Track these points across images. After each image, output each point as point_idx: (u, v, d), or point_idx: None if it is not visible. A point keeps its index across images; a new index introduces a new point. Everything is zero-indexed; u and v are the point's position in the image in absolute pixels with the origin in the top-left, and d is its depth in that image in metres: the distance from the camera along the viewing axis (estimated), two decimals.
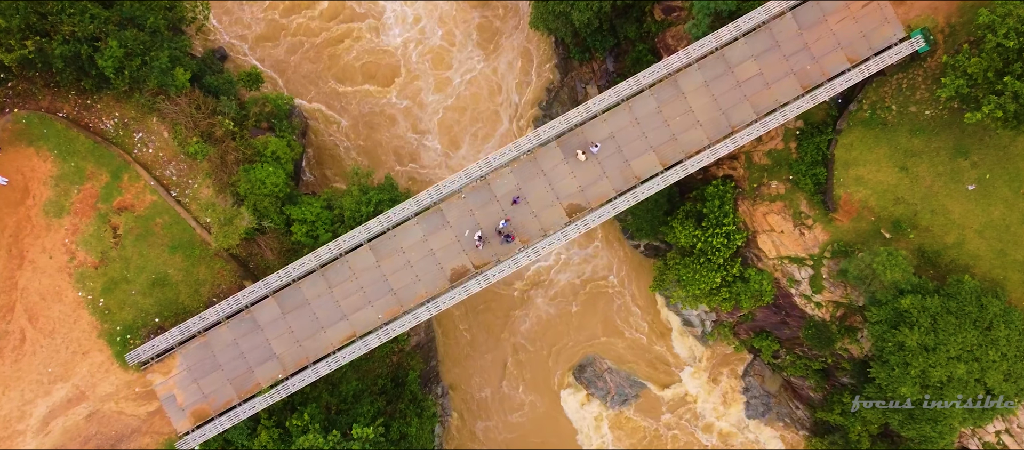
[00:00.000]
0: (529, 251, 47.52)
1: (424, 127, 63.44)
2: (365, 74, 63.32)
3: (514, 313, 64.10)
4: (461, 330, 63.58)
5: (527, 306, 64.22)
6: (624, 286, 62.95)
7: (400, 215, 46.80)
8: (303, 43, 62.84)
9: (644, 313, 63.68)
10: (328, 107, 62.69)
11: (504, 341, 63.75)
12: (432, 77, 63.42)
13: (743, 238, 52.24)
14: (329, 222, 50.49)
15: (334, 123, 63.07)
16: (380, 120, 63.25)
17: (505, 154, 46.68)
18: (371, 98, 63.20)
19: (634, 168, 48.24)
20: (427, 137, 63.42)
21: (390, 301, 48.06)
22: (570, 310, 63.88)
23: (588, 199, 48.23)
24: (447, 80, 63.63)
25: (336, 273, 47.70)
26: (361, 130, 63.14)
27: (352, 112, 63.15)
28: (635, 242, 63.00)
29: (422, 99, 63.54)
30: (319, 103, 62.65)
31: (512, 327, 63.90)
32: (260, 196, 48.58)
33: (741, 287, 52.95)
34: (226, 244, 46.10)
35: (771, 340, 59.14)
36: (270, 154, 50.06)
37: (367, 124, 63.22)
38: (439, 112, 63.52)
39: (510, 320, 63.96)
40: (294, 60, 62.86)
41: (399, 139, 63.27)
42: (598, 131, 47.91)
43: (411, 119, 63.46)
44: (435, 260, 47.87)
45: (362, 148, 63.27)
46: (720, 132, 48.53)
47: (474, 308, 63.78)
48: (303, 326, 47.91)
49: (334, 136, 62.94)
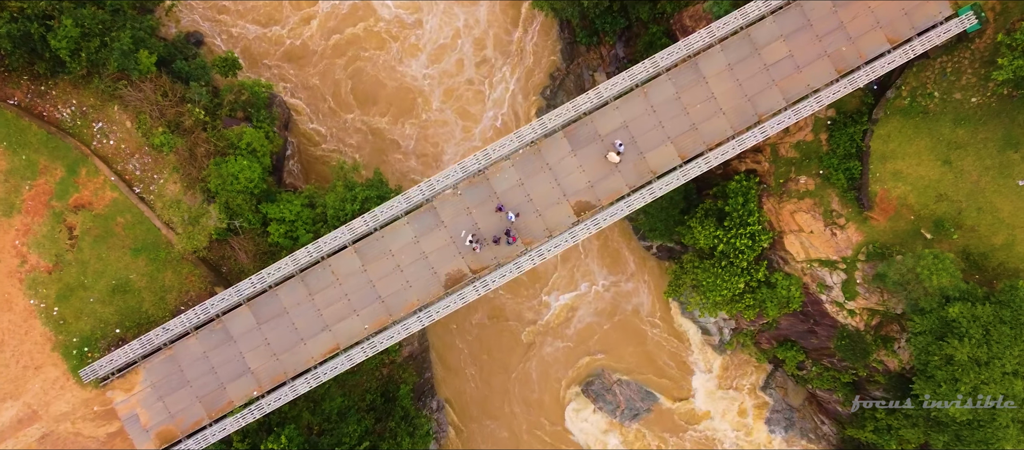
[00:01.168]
0: (533, 254, 42.54)
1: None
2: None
3: (516, 320, 59.14)
4: (458, 339, 58.58)
5: (531, 311, 59.29)
6: (636, 291, 57.98)
7: (388, 214, 41.83)
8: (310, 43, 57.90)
9: (657, 320, 58.69)
10: (309, 99, 57.65)
11: (506, 349, 58.76)
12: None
13: (769, 239, 47.28)
14: (310, 222, 45.51)
15: (323, 104, 58.07)
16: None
17: (505, 145, 41.69)
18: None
19: (650, 161, 43.27)
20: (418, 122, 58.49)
21: (377, 310, 43.09)
22: (577, 319, 58.96)
23: (598, 196, 43.26)
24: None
25: (317, 279, 42.74)
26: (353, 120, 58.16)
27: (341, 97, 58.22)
28: (647, 243, 58.00)
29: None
30: (301, 97, 57.63)
31: (514, 333, 58.94)
32: (233, 193, 43.59)
33: (766, 293, 47.97)
34: (191, 246, 41.15)
35: (796, 350, 54.18)
36: (245, 146, 45.06)
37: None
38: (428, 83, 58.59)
39: (512, 327, 58.99)
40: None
41: (394, 128, 58.27)
42: (609, 120, 42.93)
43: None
44: (428, 264, 42.91)
45: (354, 146, 58.31)
46: (745, 121, 43.57)
47: (473, 311, 58.83)
48: (281, 338, 42.94)
49: (326, 125, 57.96)
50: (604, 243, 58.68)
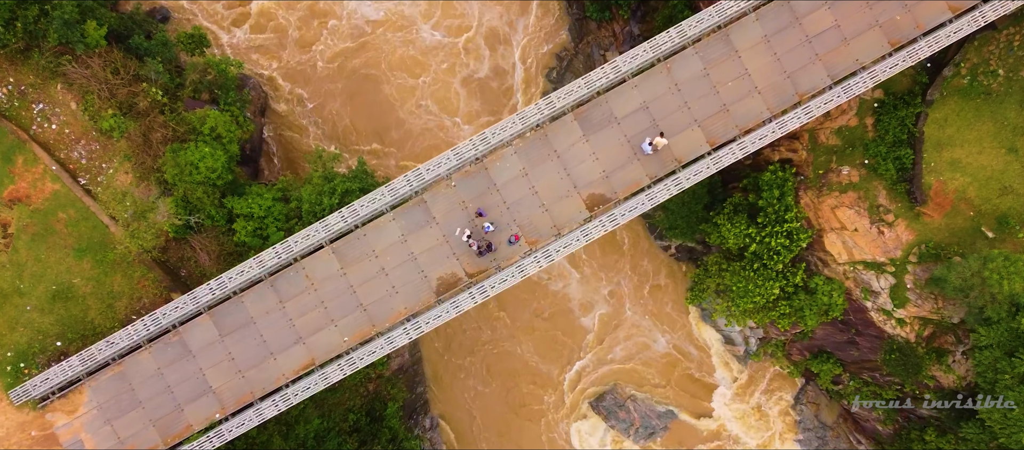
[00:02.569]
0: (539, 255, 36.68)
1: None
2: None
3: (520, 328, 53.32)
4: (455, 348, 52.73)
5: (535, 320, 53.46)
6: (652, 296, 52.11)
7: (370, 208, 36.00)
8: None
9: (675, 328, 52.83)
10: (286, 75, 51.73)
11: (508, 361, 52.93)
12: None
13: (808, 238, 41.40)
14: (283, 218, 39.73)
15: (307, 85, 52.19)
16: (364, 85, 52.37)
17: (507, 128, 35.83)
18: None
19: (673, 147, 37.40)
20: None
21: (359, 320, 37.27)
22: (585, 324, 53.11)
23: (614, 188, 37.40)
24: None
25: (289, 284, 36.94)
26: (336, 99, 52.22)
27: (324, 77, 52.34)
28: (665, 243, 52.06)
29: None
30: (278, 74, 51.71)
31: (517, 344, 53.11)
32: (192, 184, 37.80)
33: (805, 300, 42.08)
34: (136, 246, 35.37)
35: (832, 363, 48.29)
36: (208, 131, 39.25)
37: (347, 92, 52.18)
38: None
39: (515, 337, 53.17)
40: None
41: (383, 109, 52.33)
42: (627, 101, 37.09)
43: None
44: (417, 267, 37.08)
45: (341, 136, 52.44)
46: (784, 101, 37.70)
47: (470, 319, 53.01)
48: (247, 352, 37.15)
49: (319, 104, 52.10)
50: (612, 242, 52.79)
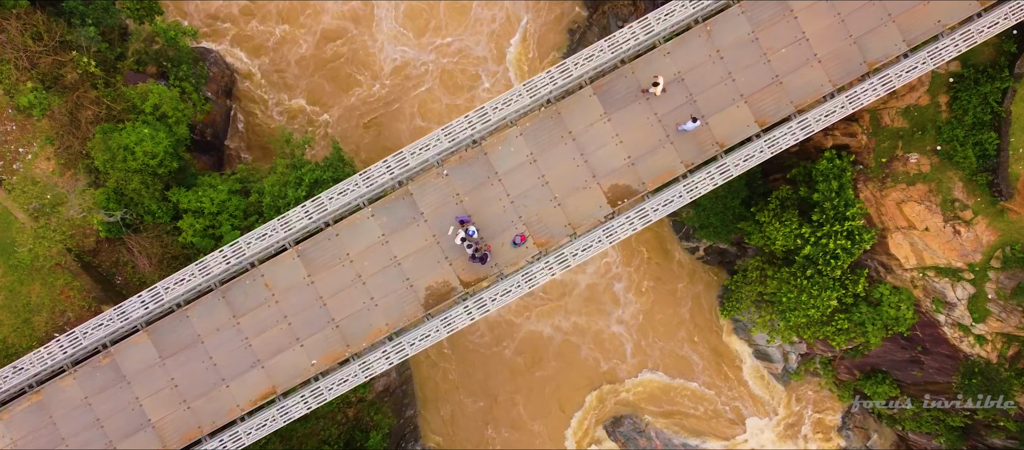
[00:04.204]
0: (551, 260, 29.86)
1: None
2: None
3: (523, 339, 46.52)
4: (448, 365, 45.93)
5: (540, 330, 46.68)
6: (680, 305, 45.28)
7: (341, 202, 29.22)
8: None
9: (702, 341, 46.01)
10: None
11: (510, 379, 46.15)
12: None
13: (872, 239, 34.55)
14: (240, 215, 33.00)
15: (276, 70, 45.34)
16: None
17: (510, 102, 28.99)
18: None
19: (715, 129, 30.59)
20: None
21: (330, 338, 30.51)
22: (600, 332, 46.33)
23: (642, 177, 30.58)
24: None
25: (244, 294, 30.20)
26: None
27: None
28: (693, 244, 45.17)
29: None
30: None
31: (520, 357, 46.32)
32: (127, 173, 31.04)
33: (866, 313, 35.26)
34: (41, 250, 28.55)
35: (888, 384, 41.46)
36: (150, 110, 32.48)
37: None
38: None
39: (518, 349, 46.37)
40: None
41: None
42: (658, 70, 30.28)
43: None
44: (400, 273, 30.31)
45: (324, 123, 45.55)
46: (849, 71, 30.86)
47: (468, 329, 46.22)
48: (193, 377, 30.43)
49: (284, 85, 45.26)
50: (625, 243, 45.97)
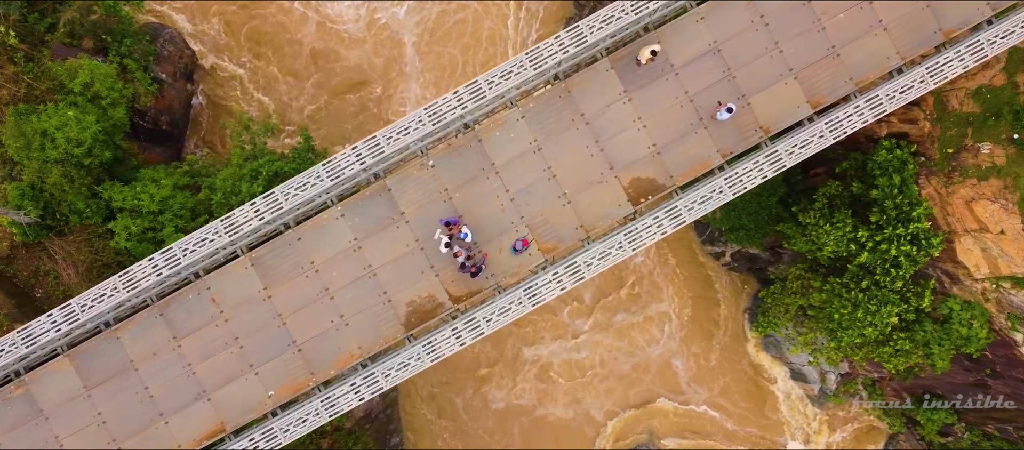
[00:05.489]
0: (559, 270, 24.42)
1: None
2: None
3: (524, 354, 41.14)
4: (438, 384, 40.50)
5: (541, 344, 41.27)
6: (704, 317, 39.80)
7: (301, 197, 23.79)
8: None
9: (727, 359, 40.58)
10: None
11: (512, 397, 40.74)
12: None
13: (941, 244, 29.08)
14: (188, 214, 27.63)
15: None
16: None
17: (510, 75, 23.52)
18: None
19: (758, 110, 25.21)
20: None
21: (290, 364, 25.13)
22: (606, 350, 40.88)
23: (669, 170, 25.18)
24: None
25: (187, 312, 24.85)
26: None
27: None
28: (717, 248, 39.69)
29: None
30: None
31: (523, 374, 40.92)
32: (46, 164, 25.65)
33: (933, 332, 29.79)
34: None
35: (945, 410, 36.02)
36: (79, 89, 27.11)
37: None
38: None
39: (519, 365, 40.99)
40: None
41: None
42: (689, 39, 24.93)
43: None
44: (376, 286, 24.94)
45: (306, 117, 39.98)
46: (920, 41, 25.49)
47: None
48: (125, 412, 25.13)
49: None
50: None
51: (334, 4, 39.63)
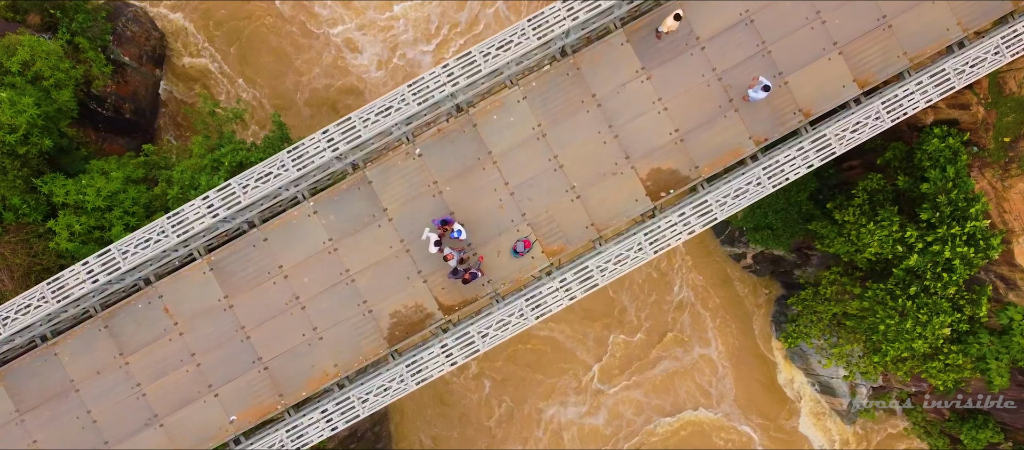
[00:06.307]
0: (568, 276, 20.94)
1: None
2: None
3: (525, 360, 37.71)
4: (433, 398, 37.05)
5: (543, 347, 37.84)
6: (726, 324, 36.34)
7: (263, 191, 20.30)
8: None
9: (748, 372, 37.14)
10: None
11: (512, 414, 37.32)
12: None
13: (1000, 245, 25.59)
14: (141, 210, 24.21)
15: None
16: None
17: (510, 45, 19.99)
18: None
19: (796, 90, 21.74)
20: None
21: (255, 386, 21.72)
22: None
23: (694, 160, 21.71)
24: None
25: (136, 323, 21.46)
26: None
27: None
28: (738, 250, 36.18)
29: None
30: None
31: (524, 386, 37.51)
32: None
33: (990, 344, 26.30)
34: None
35: (991, 428, 32.52)
36: (18, 69, 23.68)
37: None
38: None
39: (520, 373, 37.55)
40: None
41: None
42: (716, 8, 21.44)
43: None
44: (354, 294, 21.51)
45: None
46: (986, 10, 22.00)
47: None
48: (64, 439, 21.78)
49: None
50: None
51: (359, 56, 35.73)
